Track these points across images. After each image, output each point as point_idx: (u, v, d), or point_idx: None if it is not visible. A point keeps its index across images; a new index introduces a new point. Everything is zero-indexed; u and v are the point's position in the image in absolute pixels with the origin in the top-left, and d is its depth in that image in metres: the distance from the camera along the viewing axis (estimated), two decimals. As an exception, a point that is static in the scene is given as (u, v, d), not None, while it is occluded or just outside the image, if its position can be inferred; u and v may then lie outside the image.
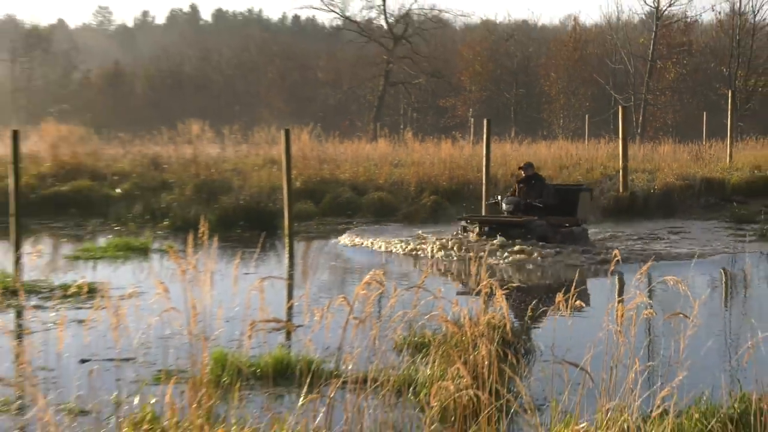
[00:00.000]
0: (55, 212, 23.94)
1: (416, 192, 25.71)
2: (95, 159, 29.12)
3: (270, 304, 6.29)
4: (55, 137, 29.74)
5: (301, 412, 5.51)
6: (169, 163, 28.78)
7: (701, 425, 6.45)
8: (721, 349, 6.69)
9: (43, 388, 5.46)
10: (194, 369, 5.93)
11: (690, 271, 10.21)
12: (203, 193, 24.32)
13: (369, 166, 29.26)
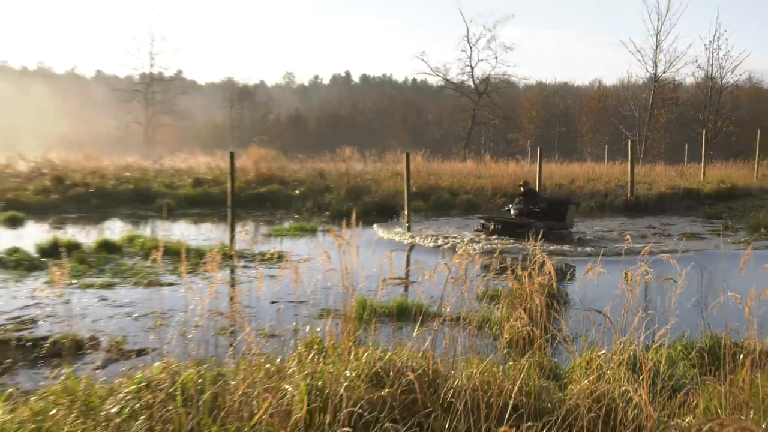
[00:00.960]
0: (256, 206, 24.21)
1: (491, 195, 25.59)
2: (282, 171, 29.38)
3: (395, 267, 6.28)
4: (257, 157, 30.17)
5: (415, 339, 5.48)
6: (330, 174, 28.94)
7: (683, 354, 6.37)
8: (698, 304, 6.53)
9: (247, 319, 5.47)
10: (345, 309, 5.94)
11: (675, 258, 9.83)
12: (352, 193, 24.41)
13: (460, 178, 29.11)
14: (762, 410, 4.62)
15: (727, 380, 4.83)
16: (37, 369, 6.78)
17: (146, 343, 7.73)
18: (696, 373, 5.80)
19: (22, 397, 4.41)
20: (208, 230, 19.49)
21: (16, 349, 7.24)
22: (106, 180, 26.80)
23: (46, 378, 4.94)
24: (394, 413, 4.37)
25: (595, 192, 26.57)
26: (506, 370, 5.12)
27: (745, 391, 4.77)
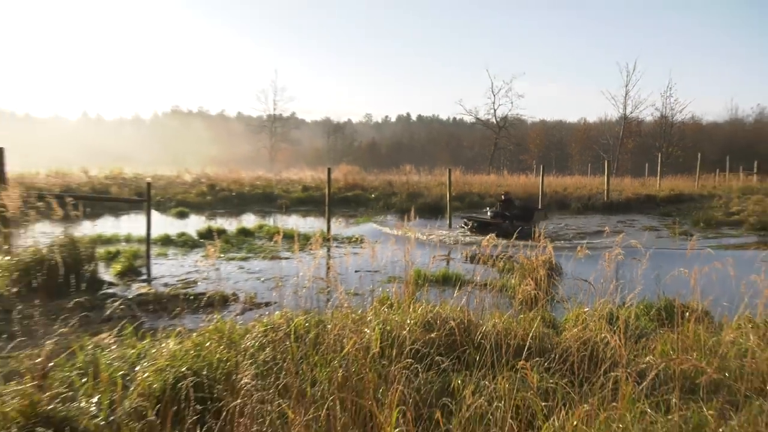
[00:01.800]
0: (344, 205, 24.27)
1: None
2: (362, 181, 29.43)
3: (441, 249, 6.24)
4: (345, 171, 30.26)
5: (454, 299, 5.45)
6: (395, 183, 28.89)
7: (645, 312, 6.21)
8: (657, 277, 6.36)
9: (339, 283, 5.49)
10: (406, 277, 5.93)
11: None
12: (411, 197, 24.33)
13: (486, 186, 28.83)
14: (703, 352, 4.51)
15: (677, 330, 4.71)
16: (196, 315, 6.91)
17: (270, 298, 7.83)
18: (655, 326, 5.66)
19: (187, 334, 4.49)
20: (311, 221, 19.63)
21: (183, 301, 7.39)
22: (243, 186, 27.21)
23: (202, 321, 5.01)
24: (440, 349, 4.38)
25: (581, 196, 26.09)
26: (519, 321, 5.06)
27: (690, 338, 4.67)
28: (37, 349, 3.80)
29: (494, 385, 3.59)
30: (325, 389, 3.47)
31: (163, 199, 23.12)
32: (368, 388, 3.47)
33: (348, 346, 3.91)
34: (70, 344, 4.24)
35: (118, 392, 3.62)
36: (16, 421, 3.32)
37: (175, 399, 3.33)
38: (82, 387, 3.78)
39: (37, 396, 3.53)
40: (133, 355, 4.17)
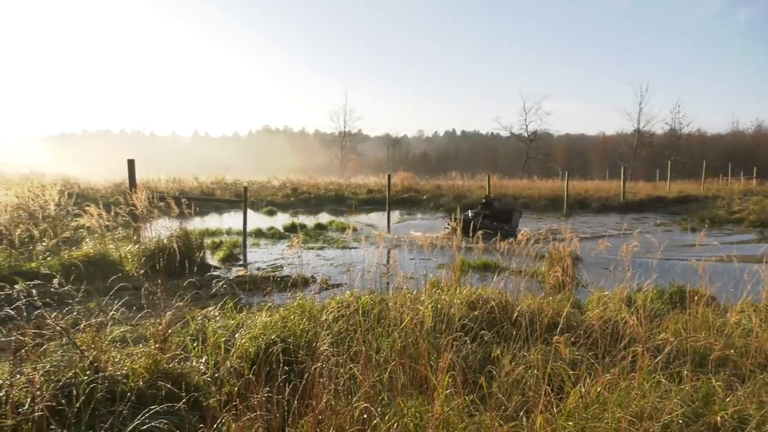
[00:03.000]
0: (401, 205, 24.16)
1: (537, 198, 24.73)
2: (416, 185, 29.18)
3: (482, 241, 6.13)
4: (402, 177, 30.19)
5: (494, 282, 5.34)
6: (443, 187, 28.63)
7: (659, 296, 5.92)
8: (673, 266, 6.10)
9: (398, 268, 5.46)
10: (452, 263, 5.85)
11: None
12: (456, 198, 24.07)
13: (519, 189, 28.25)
14: (711, 332, 4.28)
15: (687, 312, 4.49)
16: (283, 293, 7.00)
17: (341, 280, 7.85)
18: (668, 308, 5.41)
19: (275, 309, 4.54)
20: (375, 219, 19.65)
21: (272, 282, 7.49)
22: (319, 190, 27.47)
23: (288, 298, 5.06)
24: (482, 325, 4.29)
25: (600, 197, 25.26)
26: (548, 302, 4.92)
27: (699, 320, 4.44)
28: (159, 319, 3.90)
29: (528, 356, 3.50)
30: (387, 356, 3.45)
31: (255, 200, 23.57)
32: (423, 356, 3.43)
33: (406, 321, 3.88)
34: (184, 315, 4.36)
35: (221, 355, 3.69)
36: (143, 376, 3.42)
37: (266, 361, 3.36)
38: (193, 350, 3.87)
39: (159, 356, 3.63)
40: (233, 325, 4.24)
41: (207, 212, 19.72)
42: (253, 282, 7.57)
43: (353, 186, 30.38)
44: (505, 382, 3.13)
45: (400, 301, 4.34)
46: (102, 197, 15.37)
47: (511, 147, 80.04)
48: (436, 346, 3.63)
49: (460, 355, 3.57)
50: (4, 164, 23.78)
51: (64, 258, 7.25)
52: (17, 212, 8.94)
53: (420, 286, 5.62)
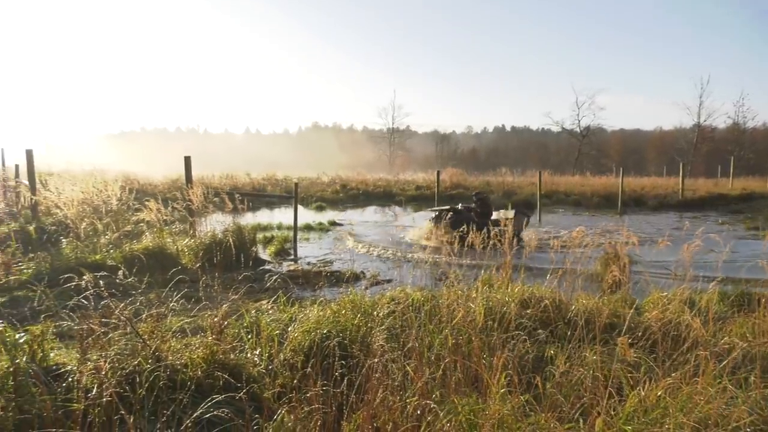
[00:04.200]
0: (450, 202, 23.77)
1: (590, 196, 24.06)
2: (464, 181, 28.93)
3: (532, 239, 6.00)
4: (450, 174, 29.93)
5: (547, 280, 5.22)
6: (492, 183, 28.26)
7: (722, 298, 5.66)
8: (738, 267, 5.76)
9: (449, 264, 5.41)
10: (505, 261, 5.75)
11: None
12: (506, 194, 23.67)
13: (570, 185, 27.58)
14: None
15: (754, 316, 4.28)
16: (334, 288, 7.07)
17: (391, 275, 7.87)
18: (733, 311, 5.17)
19: (326, 303, 4.59)
20: (422, 216, 19.58)
21: (323, 277, 7.58)
22: (368, 186, 27.61)
23: (339, 293, 5.11)
24: (535, 324, 4.21)
25: (657, 195, 24.41)
26: (604, 302, 4.79)
27: (766, 322, 4.22)
28: (216, 311, 4.01)
29: (584, 357, 3.41)
30: (439, 353, 3.44)
31: (305, 196, 23.90)
32: (475, 354, 3.40)
33: (457, 318, 3.85)
34: (239, 308, 4.46)
35: (275, 347, 3.76)
36: (201, 366, 3.52)
37: (319, 354, 3.40)
38: (248, 342, 3.96)
39: (215, 347, 3.73)
40: (286, 319, 4.31)
41: (258, 208, 20.14)
42: (304, 276, 7.67)
43: (401, 182, 30.39)
44: (561, 383, 3.06)
45: (452, 298, 4.31)
46: (160, 192, 15.92)
47: (562, 143, 78.23)
48: (488, 344, 3.58)
49: (513, 354, 3.52)
50: (70, 162, 24.97)
51: (126, 251, 7.55)
52: (82, 207, 9.37)
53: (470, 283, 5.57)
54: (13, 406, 2.93)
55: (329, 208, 21.21)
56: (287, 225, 13.67)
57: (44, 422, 2.67)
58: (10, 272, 6.36)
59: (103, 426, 2.54)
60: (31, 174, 9.90)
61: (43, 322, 3.95)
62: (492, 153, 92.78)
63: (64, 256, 7.12)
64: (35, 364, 3.35)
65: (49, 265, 6.64)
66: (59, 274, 6.09)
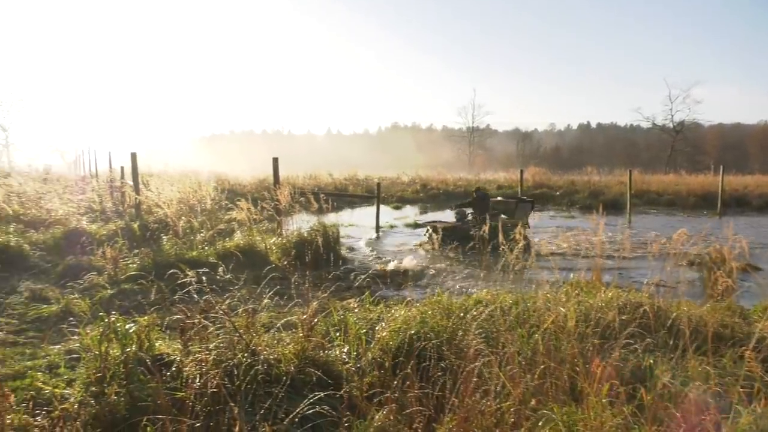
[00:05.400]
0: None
1: (686, 196, 22.61)
2: (548, 180, 28.02)
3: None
4: (533, 173, 29.09)
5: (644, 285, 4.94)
6: (577, 183, 27.18)
7: None
8: None
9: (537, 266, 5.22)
10: (595, 264, 5.52)
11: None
12: (592, 194, 22.73)
13: (663, 185, 26.01)
14: None
15: None
16: (417, 288, 7.05)
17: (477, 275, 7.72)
18: None
19: (412, 303, 4.59)
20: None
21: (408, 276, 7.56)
22: (448, 186, 27.43)
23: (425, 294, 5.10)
24: (632, 331, 4.00)
25: (762, 194, 22.56)
26: (708, 310, 4.47)
27: None
28: (306, 308, 4.11)
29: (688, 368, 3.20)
30: (529, 357, 3.34)
31: (386, 195, 24.09)
32: (568, 360, 3.28)
33: (548, 322, 3.73)
34: (327, 306, 4.55)
35: (362, 346, 3.80)
36: (292, 361, 3.63)
37: (409, 355, 3.40)
38: (336, 339, 4.04)
39: (306, 344, 3.83)
40: (373, 318, 4.36)
41: (341, 207, 20.52)
42: (389, 275, 7.72)
43: (482, 182, 29.92)
44: (663, 395, 2.88)
45: (540, 302, 4.19)
46: (248, 192, 16.59)
47: (653, 139, 74.04)
48: (582, 351, 3.44)
49: (609, 362, 3.36)
50: (167, 163, 26.58)
51: (219, 248, 7.92)
52: (180, 206, 9.95)
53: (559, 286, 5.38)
54: (125, 392, 3.15)
55: (409, 208, 21.27)
56: (369, 224, 13.83)
57: (153, 409, 2.84)
58: (117, 266, 6.85)
59: (207, 415, 2.67)
60: (135, 175, 10.62)
61: (150, 313, 4.21)
62: (576, 151, 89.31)
63: (164, 252, 7.58)
64: (143, 353, 3.58)
65: (151, 261, 7.08)
66: (160, 268, 6.52)
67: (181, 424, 2.46)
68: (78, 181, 19.63)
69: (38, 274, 7.02)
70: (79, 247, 7.96)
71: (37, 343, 4.60)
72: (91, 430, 2.81)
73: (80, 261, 7.23)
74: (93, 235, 8.67)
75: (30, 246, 7.99)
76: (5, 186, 12.75)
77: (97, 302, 5.64)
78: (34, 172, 22.21)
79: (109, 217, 11.06)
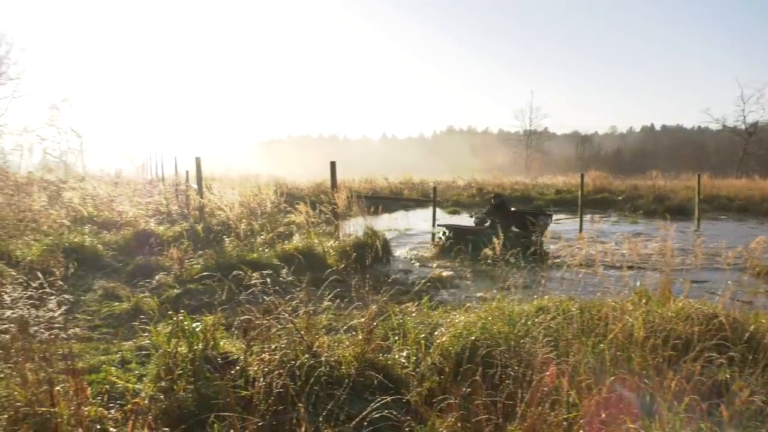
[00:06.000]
0: (592, 206, 22.47)
1: (760, 201, 21.40)
2: (609, 185, 27.08)
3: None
4: (593, 177, 28.16)
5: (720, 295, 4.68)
6: (641, 187, 26.15)
7: None
8: None
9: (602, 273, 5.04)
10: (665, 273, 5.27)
11: None
12: (657, 200, 21.81)
13: (735, 190, 24.73)
14: None
15: None
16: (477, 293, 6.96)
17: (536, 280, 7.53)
18: None
19: (472, 309, 4.52)
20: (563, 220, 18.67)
21: (466, 281, 7.47)
22: (504, 189, 26.85)
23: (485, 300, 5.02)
24: (706, 344, 3.79)
25: None
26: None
27: None
28: (365, 311, 4.13)
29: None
30: (595, 367, 3.22)
31: (441, 199, 23.93)
32: (636, 372, 3.14)
33: (614, 332, 3.60)
34: (385, 309, 4.56)
35: (422, 350, 3.78)
36: (352, 364, 3.65)
37: (469, 360, 3.35)
38: (395, 343, 4.03)
39: (365, 347, 3.85)
40: (433, 322, 4.33)
41: (395, 210, 20.55)
42: (447, 280, 7.65)
43: (540, 186, 29.37)
44: (741, 411, 2.72)
45: (606, 310, 4.04)
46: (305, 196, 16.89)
47: (723, 142, 70.47)
48: (652, 363, 3.30)
49: (681, 375, 3.20)
50: (228, 167, 27.44)
51: (279, 250, 8.09)
52: (241, 209, 10.23)
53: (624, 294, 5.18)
54: (193, 389, 3.25)
55: (465, 212, 21.08)
56: (425, 228, 13.79)
57: (220, 406, 2.92)
58: (183, 267, 7.11)
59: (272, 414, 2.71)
60: (199, 179, 11.00)
61: (215, 312, 4.34)
62: (639, 154, 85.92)
63: (226, 253, 7.80)
64: (209, 352, 3.69)
65: (214, 262, 7.30)
66: (223, 269, 6.71)
67: (248, 422, 2.51)
68: (146, 185, 20.54)
69: (111, 273, 7.38)
70: (147, 248, 8.31)
71: (110, 339, 4.83)
72: (161, 424, 2.91)
73: (149, 261, 7.55)
74: (160, 237, 9.03)
75: (103, 246, 8.41)
76: (81, 189, 13.49)
77: (165, 301, 5.86)
78: (105, 176, 23.39)
79: (175, 219, 11.49)
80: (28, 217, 9.79)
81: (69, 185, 14.54)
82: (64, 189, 13.56)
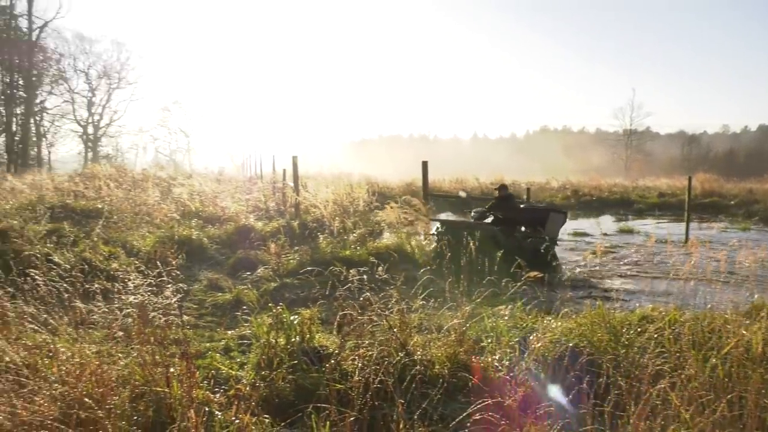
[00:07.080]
0: (700, 211, 20.63)
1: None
2: (720, 188, 24.96)
3: None
4: (702, 180, 25.66)
5: None
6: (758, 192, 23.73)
7: None
8: None
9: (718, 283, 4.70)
10: None
11: None
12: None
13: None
14: None
15: None
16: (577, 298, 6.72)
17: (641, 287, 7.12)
18: None
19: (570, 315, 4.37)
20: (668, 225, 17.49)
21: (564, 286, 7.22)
22: (602, 192, 25.81)
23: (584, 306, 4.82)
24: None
25: None
26: None
27: None
28: (458, 312, 4.11)
29: None
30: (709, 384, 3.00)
31: (535, 201, 23.34)
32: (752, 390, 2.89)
33: (729, 346, 3.34)
34: (478, 311, 4.50)
35: (516, 354, 3.70)
36: (444, 364, 3.64)
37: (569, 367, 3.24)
38: (487, 345, 3.97)
39: (457, 348, 3.82)
40: (528, 327, 4.23)
41: (486, 212, 20.25)
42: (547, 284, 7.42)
43: (640, 189, 27.77)
44: None
45: (718, 322, 3.76)
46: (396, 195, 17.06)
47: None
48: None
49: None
50: (322, 166, 28.28)
51: (370, 248, 8.22)
52: (334, 207, 10.51)
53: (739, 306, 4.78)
54: (291, 379, 3.38)
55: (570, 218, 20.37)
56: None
57: (317, 398, 3.01)
58: (280, 261, 7.41)
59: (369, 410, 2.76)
60: (295, 177, 11.42)
61: (311, 307, 4.49)
62: (755, 155, 78.64)
63: (320, 249, 8.04)
64: (305, 344, 3.83)
65: (309, 258, 7.55)
66: (317, 265, 6.90)
67: (345, 415, 2.56)
68: (246, 182, 21.60)
69: (214, 265, 7.84)
70: (247, 242, 8.75)
71: (214, 327, 5.13)
72: (261, 411, 3.04)
73: (248, 255, 7.94)
74: (259, 232, 9.47)
75: (208, 239, 8.95)
76: (189, 186, 14.44)
77: (264, 293, 6.13)
78: (209, 174, 24.87)
79: (272, 215, 11.99)
80: (143, 211, 10.63)
81: (178, 182, 15.62)
82: (174, 185, 14.58)
